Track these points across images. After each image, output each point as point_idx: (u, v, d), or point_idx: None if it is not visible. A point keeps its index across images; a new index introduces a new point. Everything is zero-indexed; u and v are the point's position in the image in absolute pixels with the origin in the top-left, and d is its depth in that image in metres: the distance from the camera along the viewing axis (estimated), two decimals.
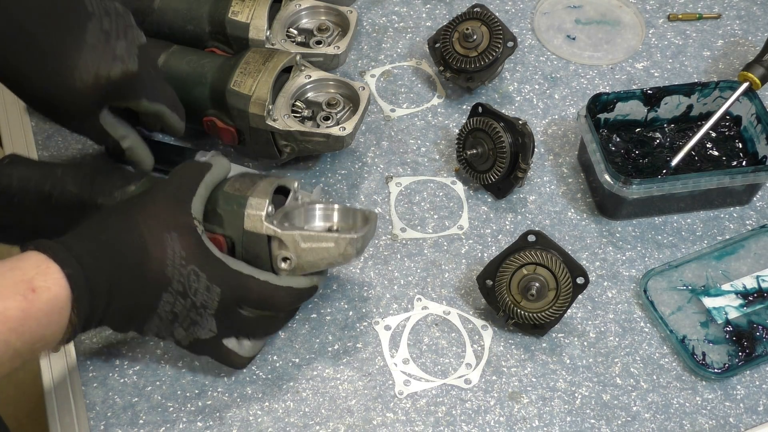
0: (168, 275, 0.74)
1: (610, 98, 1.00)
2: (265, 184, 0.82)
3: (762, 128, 0.98)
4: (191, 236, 0.76)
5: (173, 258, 0.75)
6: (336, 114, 0.95)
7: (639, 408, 0.85)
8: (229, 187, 0.81)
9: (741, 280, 0.93)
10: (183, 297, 0.75)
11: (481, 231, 0.97)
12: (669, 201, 0.97)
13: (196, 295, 0.76)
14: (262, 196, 0.80)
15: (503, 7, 1.17)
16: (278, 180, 0.83)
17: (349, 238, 0.80)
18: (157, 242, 0.74)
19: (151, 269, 0.74)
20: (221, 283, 0.77)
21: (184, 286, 0.75)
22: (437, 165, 1.02)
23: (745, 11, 1.18)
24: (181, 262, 0.75)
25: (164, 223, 0.75)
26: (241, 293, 0.78)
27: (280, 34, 1.00)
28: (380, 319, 0.90)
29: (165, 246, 0.74)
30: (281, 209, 0.82)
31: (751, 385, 0.87)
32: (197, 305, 0.76)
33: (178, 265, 0.75)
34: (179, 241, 0.75)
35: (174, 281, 0.75)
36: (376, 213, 0.85)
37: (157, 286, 0.75)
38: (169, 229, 0.75)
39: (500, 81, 1.09)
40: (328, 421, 0.84)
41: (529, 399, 0.86)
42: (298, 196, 0.85)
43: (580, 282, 0.86)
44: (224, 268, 0.77)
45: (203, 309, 0.77)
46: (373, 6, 1.16)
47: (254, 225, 0.80)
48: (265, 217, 0.80)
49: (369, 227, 0.82)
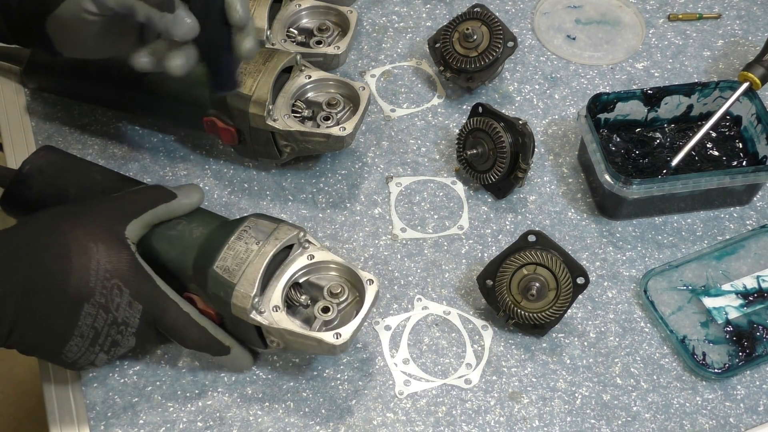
0: (91, 286, 0.72)
1: (610, 98, 1.00)
2: (258, 263, 0.78)
3: (762, 128, 0.98)
4: (119, 249, 0.73)
5: (97, 269, 0.72)
6: (336, 114, 0.94)
7: (639, 408, 0.85)
8: (219, 265, 0.78)
9: (741, 280, 0.93)
10: (105, 311, 0.73)
11: (481, 231, 0.97)
12: (669, 201, 0.97)
13: (118, 310, 0.73)
14: (248, 286, 0.77)
15: (503, 7, 1.17)
16: (275, 248, 0.79)
17: (331, 344, 0.77)
18: (82, 252, 0.72)
19: (72, 279, 0.71)
20: (144, 300, 0.75)
21: (106, 298, 0.72)
22: (437, 165, 1.02)
23: (745, 11, 1.18)
24: (105, 275, 0.72)
25: (91, 234, 0.73)
26: (158, 314, 0.76)
27: (280, 34, 1.00)
28: (380, 319, 0.90)
29: (90, 256, 0.72)
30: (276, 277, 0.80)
31: (752, 385, 0.87)
32: (118, 321, 0.74)
33: (101, 277, 0.72)
34: (105, 253, 0.72)
35: (96, 293, 0.72)
36: (377, 288, 0.80)
37: (78, 296, 0.71)
38: (96, 240, 0.73)
39: (500, 81, 1.09)
40: (328, 421, 0.84)
41: (530, 399, 0.86)
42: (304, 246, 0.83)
43: (581, 282, 0.86)
44: (151, 286, 0.75)
45: (124, 326, 0.74)
46: (373, 6, 1.16)
47: (240, 314, 0.78)
48: (250, 309, 0.78)
49: (360, 320, 0.79)
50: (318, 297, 0.82)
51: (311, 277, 0.82)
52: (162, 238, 0.82)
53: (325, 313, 0.80)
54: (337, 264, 0.82)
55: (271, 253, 0.79)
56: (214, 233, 0.82)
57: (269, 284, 0.80)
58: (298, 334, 0.78)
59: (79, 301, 0.72)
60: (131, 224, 0.75)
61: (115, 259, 0.73)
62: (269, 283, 0.80)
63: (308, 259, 0.82)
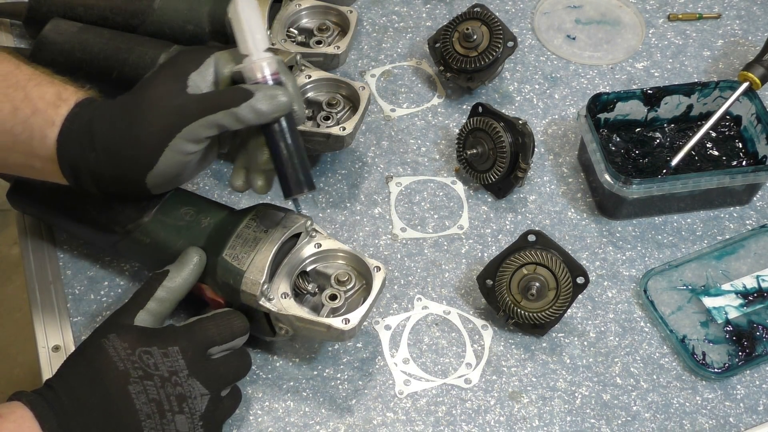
0: (122, 370, 0.72)
1: (610, 98, 1.00)
2: (266, 250, 0.79)
3: (762, 128, 0.98)
4: (129, 330, 0.74)
5: (118, 353, 0.72)
6: (336, 114, 0.95)
7: (639, 408, 0.85)
8: (228, 253, 0.79)
9: (741, 279, 0.93)
10: (149, 378, 0.72)
11: (481, 231, 0.97)
12: (669, 201, 0.97)
13: (158, 368, 0.72)
14: (258, 273, 0.78)
15: (503, 7, 1.17)
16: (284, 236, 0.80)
17: (340, 330, 0.78)
18: (98, 349, 0.73)
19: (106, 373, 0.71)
20: (176, 341, 0.74)
21: (142, 369, 0.72)
22: (437, 165, 1.02)
23: (745, 11, 1.18)
24: (127, 352, 0.72)
25: (100, 332, 0.74)
26: (201, 338, 0.75)
27: (280, 34, 1.00)
28: (380, 319, 0.90)
29: (105, 348, 0.72)
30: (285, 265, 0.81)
31: (751, 384, 0.87)
32: (166, 376, 0.72)
33: (124, 356, 0.72)
34: (117, 339, 0.73)
35: (131, 371, 0.72)
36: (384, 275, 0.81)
37: (119, 386, 0.71)
38: (105, 334, 0.73)
39: (500, 81, 1.09)
40: (328, 421, 0.84)
41: (529, 399, 0.86)
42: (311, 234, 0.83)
43: (580, 282, 0.86)
44: (173, 330, 0.75)
45: (176, 375, 0.73)
46: (373, 6, 1.16)
47: (249, 302, 0.79)
48: (259, 296, 0.78)
49: (368, 306, 0.79)
50: (325, 285, 0.82)
51: (318, 265, 0.83)
52: (171, 228, 0.83)
53: (332, 300, 0.81)
54: (345, 252, 0.83)
55: (279, 241, 0.79)
56: (223, 222, 0.83)
57: (277, 272, 0.81)
58: (307, 320, 0.79)
59: (122, 387, 0.71)
60: (138, 315, 0.76)
61: (126, 336, 0.73)
62: (277, 271, 0.81)
63: (315, 247, 0.83)
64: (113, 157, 0.76)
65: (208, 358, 0.76)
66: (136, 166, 0.76)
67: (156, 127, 0.75)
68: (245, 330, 0.78)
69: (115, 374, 0.71)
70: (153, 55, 0.95)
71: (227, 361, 0.77)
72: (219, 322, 0.77)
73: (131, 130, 0.75)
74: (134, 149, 0.75)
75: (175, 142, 0.75)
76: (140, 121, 0.75)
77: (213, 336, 0.76)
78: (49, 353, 0.87)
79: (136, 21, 1.00)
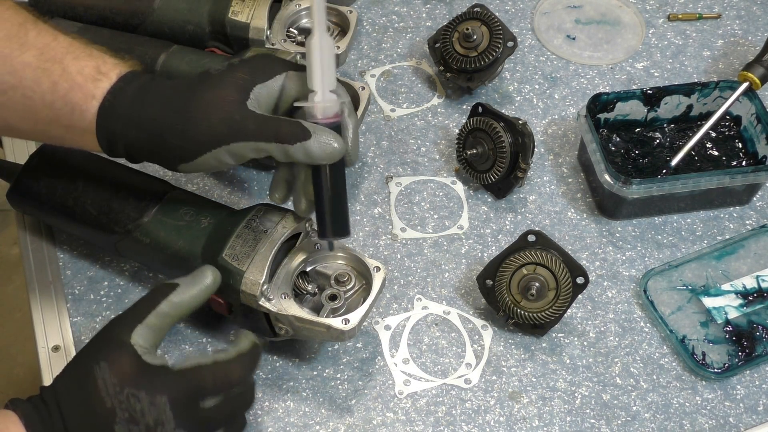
0: (109, 407, 0.70)
1: (610, 98, 1.00)
2: (266, 250, 0.79)
3: (762, 128, 0.98)
4: (119, 356, 0.71)
5: (107, 388, 0.70)
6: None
7: (639, 408, 0.85)
8: (228, 253, 0.79)
9: (741, 280, 0.93)
10: (134, 423, 0.70)
11: (481, 231, 0.97)
12: (669, 201, 0.97)
13: (144, 415, 0.70)
14: (257, 273, 0.78)
15: (503, 7, 1.17)
16: (283, 236, 0.80)
17: (340, 330, 0.78)
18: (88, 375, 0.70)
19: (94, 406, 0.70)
20: (165, 390, 0.71)
21: (128, 411, 0.70)
22: (437, 165, 1.02)
23: (745, 11, 1.18)
24: (116, 389, 0.70)
25: (92, 354, 0.72)
26: (194, 387, 0.72)
27: (280, 34, 1.00)
28: (380, 319, 0.90)
29: (95, 378, 0.70)
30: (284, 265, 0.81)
31: (751, 385, 0.87)
32: (151, 425, 0.70)
33: (113, 393, 0.70)
34: (108, 369, 0.70)
35: (117, 411, 0.70)
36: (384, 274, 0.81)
37: (105, 424, 0.69)
38: (97, 360, 0.71)
39: (500, 81, 1.09)
40: (328, 421, 0.84)
41: (529, 399, 0.86)
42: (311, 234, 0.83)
43: (580, 282, 0.86)
44: (165, 374, 0.72)
45: (161, 426, 0.70)
46: (373, 6, 1.16)
47: (249, 302, 0.79)
48: (259, 296, 0.78)
49: (368, 306, 0.79)
50: (325, 285, 0.82)
51: (318, 265, 0.83)
52: (171, 228, 0.83)
53: (332, 300, 0.81)
54: (344, 252, 0.83)
55: (279, 241, 0.79)
56: (222, 222, 0.82)
57: (277, 272, 0.80)
58: (306, 321, 0.79)
59: (110, 426, 0.70)
60: (136, 330, 0.73)
61: (117, 368, 0.71)
62: (277, 271, 0.81)
63: (315, 247, 0.82)
64: (155, 140, 0.76)
65: (199, 407, 0.73)
66: (174, 154, 0.77)
67: (206, 131, 0.75)
68: (242, 380, 0.74)
69: (102, 410, 0.70)
70: (153, 55, 0.95)
71: (220, 408, 0.74)
72: (216, 371, 0.73)
73: (182, 124, 0.75)
74: (179, 140, 0.75)
75: (219, 151, 0.75)
76: (193, 120, 0.75)
77: (207, 386, 0.73)
78: (49, 353, 0.87)
79: (136, 21, 1.00)
